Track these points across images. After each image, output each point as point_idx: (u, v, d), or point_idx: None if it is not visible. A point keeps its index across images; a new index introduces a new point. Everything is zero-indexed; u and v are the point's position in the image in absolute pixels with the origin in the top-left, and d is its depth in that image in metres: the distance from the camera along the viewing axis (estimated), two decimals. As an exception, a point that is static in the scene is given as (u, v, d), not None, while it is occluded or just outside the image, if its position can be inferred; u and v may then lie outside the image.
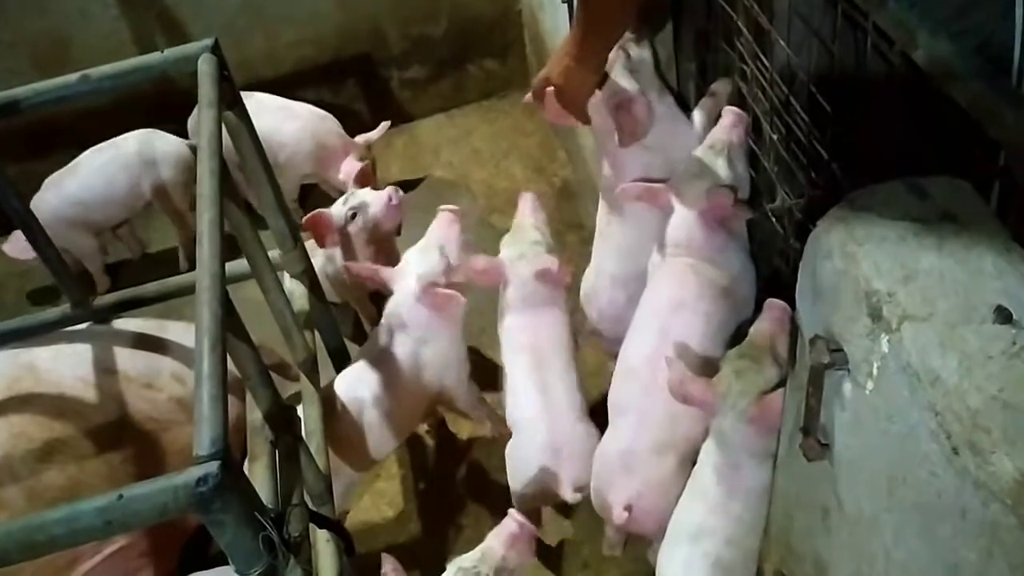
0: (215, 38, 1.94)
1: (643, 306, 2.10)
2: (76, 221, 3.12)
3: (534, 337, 2.24)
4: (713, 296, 2.01)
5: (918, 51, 1.20)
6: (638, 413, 1.99)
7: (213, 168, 1.62)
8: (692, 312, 1.99)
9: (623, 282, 2.30)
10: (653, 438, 1.96)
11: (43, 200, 3.10)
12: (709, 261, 2.01)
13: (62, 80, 1.94)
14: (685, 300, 2.00)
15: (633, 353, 2.06)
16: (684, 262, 2.02)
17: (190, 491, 1.14)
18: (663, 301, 2.04)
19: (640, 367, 2.02)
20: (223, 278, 1.45)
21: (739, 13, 1.96)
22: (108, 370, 2.29)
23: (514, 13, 3.52)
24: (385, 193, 2.50)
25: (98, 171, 3.08)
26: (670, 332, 2.00)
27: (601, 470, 2.04)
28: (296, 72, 3.51)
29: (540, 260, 2.22)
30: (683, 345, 1.95)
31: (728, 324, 2.06)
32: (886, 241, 1.04)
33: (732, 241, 2.03)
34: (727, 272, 2.03)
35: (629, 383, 2.05)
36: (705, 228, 1.98)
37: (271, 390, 1.55)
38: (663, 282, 2.06)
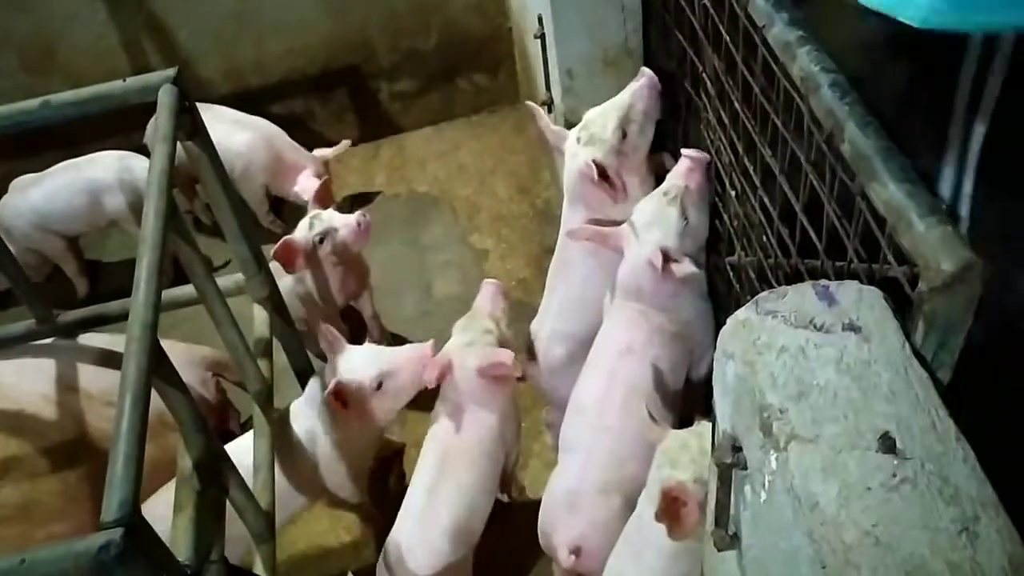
0: (177, 68, 1.93)
1: (595, 348, 2.11)
2: (39, 226, 3.12)
3: (453, 437, 2.10)
4: (663, 342, 2.02)
5: (844, 144, 1.18)
6: (585, 453, 2.00)
7: (159, 209, 1.62)
8: (639, 358, 2.01)
9: (562, 337, 2.28)
10: (599, 478, 1.97)
11: (9, 203, 3.11)
12: (659, 308, 2.01)
13: (23, 105, 1.93)
14: (633, 345, 2.01)
15: (583, 394, 2.08)
16: (633, 307, 2.02)
17: (91, 558, 1.15)
18: (612, 345, 2.05)
19: (589, 407, 2.04)
20: (154, 327, 1.45)
21: (704, 63, 1.94)
22: (70, 387, 2.30)
23: (504, 31, 3.49)
24: (353, 218, 2.49)
25: (62, 188, 3.07)
26: (618, 375, 2.01)
27: (548, 509, 2.05)
28: (285, 82, 3.50)
29: (488, 353, 2.05)
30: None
31: (679, 368, 2.06)
32: (786, 352, 1.03)
33: (683, 288, 2.03)
34: (677, 318, 2.03)
35: (578, 422, 2.06)
36: (652, 278, 1.97)
37: (204, 437, 1.55)
38: (613, 326, 2.08)
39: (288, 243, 2.46)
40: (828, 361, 1.01)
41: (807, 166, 1.40)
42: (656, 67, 2.18)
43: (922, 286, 1.01)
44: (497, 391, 2.08)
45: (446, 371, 2.05)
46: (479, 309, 2.18)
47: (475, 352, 2.05)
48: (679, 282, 1.98)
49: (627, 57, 2.28)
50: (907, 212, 1.04)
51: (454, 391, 2.09)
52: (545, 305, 2.35)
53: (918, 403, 0.96)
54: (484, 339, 2.07)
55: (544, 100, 2.66)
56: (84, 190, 3.05)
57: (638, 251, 1.98)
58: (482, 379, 2.03)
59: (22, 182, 3.12)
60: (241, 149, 3.08)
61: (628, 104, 2.09)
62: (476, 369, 2.03)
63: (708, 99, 1.92)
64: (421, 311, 3.07)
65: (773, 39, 1.39)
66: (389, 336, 2.96)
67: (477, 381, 2.04)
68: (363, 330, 2.93)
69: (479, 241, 3.28)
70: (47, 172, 3.12)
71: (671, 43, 2.11)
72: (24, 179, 3.13)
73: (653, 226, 1.97)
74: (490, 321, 2.13)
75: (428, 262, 3.24)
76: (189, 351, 2.54)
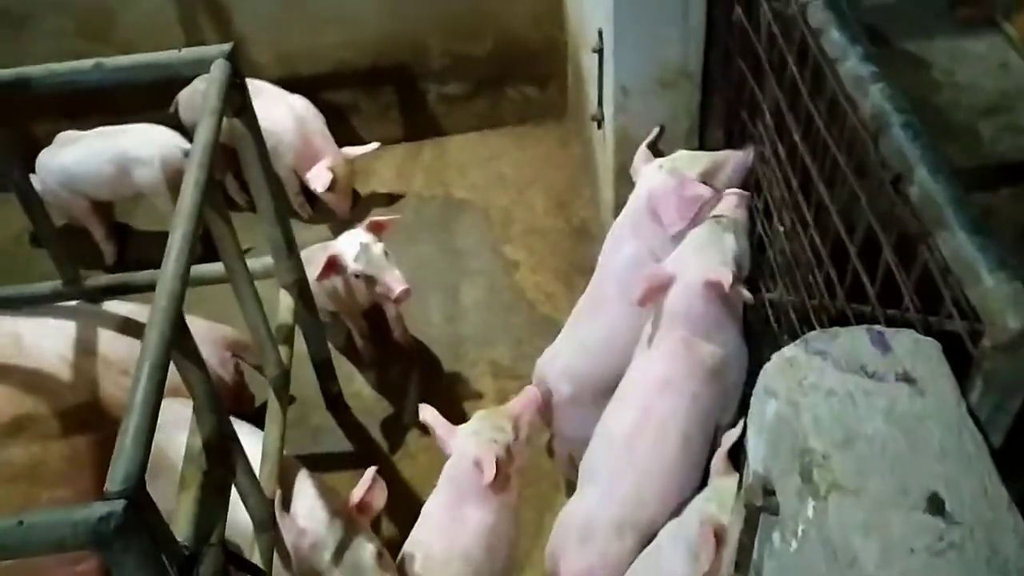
0: (232, 44, 1.92)
1: (629, 378, 2.04)
2: (66, 185, 3.14)
3: (447, 532, 1.97)
4: (702, 378, 1.96)
5: (913, 187, 1.14)
6: (607, 486, 1.93)
7: (199, 181, 1.60)
8: (678, 393, 1.94)
9: (574, 377, 2.21)
10: (617, 515, 1.91)
11: (44, 155, 3.15)
12: (704, 336, 1.95)
13: (77, 65, 1.93)
14: (672, 379, 1.95)
15: (613, 425, 2.01)
16: (677, 336, 1.96)
17: (90, 528, 1.11)
18: (649, 378, 1.98)
19: (618, 440, 1.96)
20: (181, 299, 1.43)
21: (765, 92, 1.90)
22: (88, 351, 2.29)
23: (559, 43, 3.46)
24: (400, 283, 2.44)
25: (94, 153, 3.08)
26: (653, 410, 1.94)
27: (560, 535, 1.99)
28: (334, 73, 3.49)
29: (490, 451, 1.93)
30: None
31: (713, 411, 2.00)
32: (833, 396, 0.98)
33: (729, 320, 1.98)
34: (720, 351, 1.98)
35: (604, 453, 1.99)
36: (705, 301, 1.93)
37: (216, 417, 1.52)
38: (652, 357, 2.01)
39: (334, 261, 2.47)
40: (878, 410, 0.96)
41: (866, 207, 1.35)
42: (713, 92, 2.15)
43: (985, 343, 0.96)
44: (494, 495, 1.96)
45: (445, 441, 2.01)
46: (508, 409, 2.09)
47: (476, 444, 1.96)
48: (726, 311, 1.95)
49: (685, 79, 2.24)
50: (976, 265, 0.99)
51: (448, 477, 2.02)
52: (564, 339, 2.29)
53: (970, 465, 0.91)
54: (492, 435, 1.97)
55: (594, 116, 2.62)
56: (113, 159, 3.05)
57: (694, 272, 1.94)
58: (473, 473, 1.93)
59: (63, 138, 3.16)
60: (270, 126, 3.07)
61: (721, 161, 2.11)
62: (473, 460, 1.93)
63: (765, 130, 1.88)
64: (446, 316, 3.04)
65: (845, 73, 1.34)
66: (411, 338, 2.93)
67: (470, 473, 1.94)
68: (385, 327, 2.90)
69: (511, 252, 3.24)
70: (85, 134, 3.14)
71: (732, 69, 2.07)
72: (66, 135, 3.16)
73: (710, 248, 1.94)
74: (510, 425, 2.02)
75: (458, 268, 3.21)
76: (211, 329, 2.52)
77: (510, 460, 1.99)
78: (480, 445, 1.97)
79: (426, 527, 2.01)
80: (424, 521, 2.03)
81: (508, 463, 1.98)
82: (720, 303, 1.95)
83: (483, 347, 2.92)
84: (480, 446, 1.96)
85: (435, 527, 2.00)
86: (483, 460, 1.92)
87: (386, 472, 2.59)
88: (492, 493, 1.95)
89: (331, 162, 3.18)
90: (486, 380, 2.83)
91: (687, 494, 1.92)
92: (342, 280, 2.61)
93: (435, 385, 2.83)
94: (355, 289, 2.61)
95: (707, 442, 2.00)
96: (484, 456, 1.93)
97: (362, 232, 2.52)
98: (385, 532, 2.40)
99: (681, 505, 1.89)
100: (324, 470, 2.44)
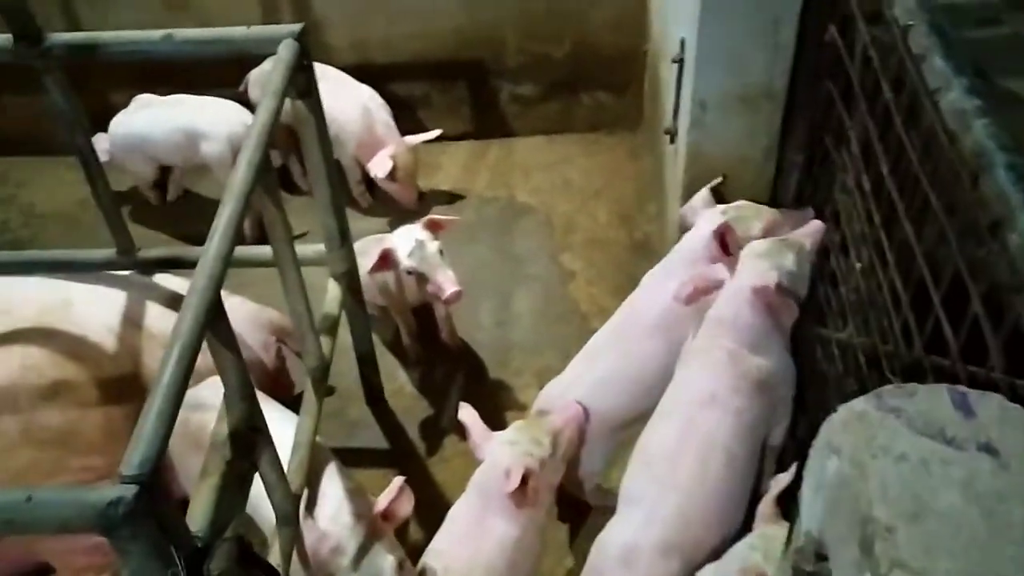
0: (303, 25, 1.88)
1: (672, 393, 1.96)
2: (137, 147, 3.23)
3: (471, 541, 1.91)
4: (748, 391, 1.87)
5: (1012, 235, 1.02)
6: (649, 507, 1.84)
7: (253, 161, 1.56)
8: (723, 409, 1.85)
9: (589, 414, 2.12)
10: (661, 537, 1.81)
11: (124, 116, 3.23)
12: (750, 346, 1.87)
13: (147, 35, 1.91)
14: (717, 394, 1.86)
15: (655, 444, 1.92)
16: (723, 347, 1.88)
17: (98, 511, 1.07)
18: (693, 393, 1.90)
19: (659, 460, 1.88)
20: (220, 281, 1.38)
21: (854, 119, 1.78)
22: (134, 323, 2.27)
23: (640, 52, 3.37)
24: (452, 284, 2.39)
25: (165, 121, 3.16)
26: (696, 427, 1.86)
27: (599, 559, 1.90)
28: (408, 64, 3.46)
29: (521, 463, 1.87)
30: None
31: (759, 427, 1.90)
32: (905, 461, 0.88)
33: (776, 333, 1.92)
34: (766, 363, 1.89)
35: (644, 474, 1.91)
36: (752, 309, 1.87)
37: (247, 407, 1.47)
38: (695, 371, 1.93)
39: (388, 255, 2.42)
40: (954, 483, 0.86)
41: (956, 252, 1.24)
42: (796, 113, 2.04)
43: (1086, 418, 0.85)
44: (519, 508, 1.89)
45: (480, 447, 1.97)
46: (549, 423, 2.02)
47: (510, 453, 1.90)
48: (773, 321, 1.88)
49: (767, 100, 2.13)
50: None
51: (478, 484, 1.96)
52: (577, 372, 2.21)
53: (1058, 557, 0.80)
54: (528, 447, 1.91)
55: (668, 129, 2.52)
56: (184, 128, 3.12)
57: (746, 277, 1.88)
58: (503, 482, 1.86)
59: (141, 100, 3.26)
60: (335, 113, 3.05)
61: (783, 220, 2.07)
62: (504, 470, 1.87)
63: (850, 159, 1.76)
64: (496, 321, 2.97)
65: (947, 105, 1.23)
66: (459, 340, 2.86)
67: (498, 481, 1.87)
68: (433, 326, 2.84)
69: (569, 261, 3.15)
70: (163, 99, 3.23)
71: (819, 90, 1.96)
72: (145, 98, 3.26)
73: (765, 259, 1.89)
74: (548, 439, 1.96)
75: (513, 273, 3.14)
76: (258, 312, 2.49)
77: (543, 475, 1.92)
78: (514, 455, 1.90)
79: (449, 534, 1.96)
80: (448, 527, 1.97)
81: (540, 478, 1.91)
82: (768, 314, 1.89)
83: (531, 356, 2.85)
84: (514, 456, 1.90)
85: (459, 535, 1.94)
86: (512, 470, 1.85)
87: (418, 474, 2.54)
88: (519, 505, 1.88)
89: (393, 150, 3.14)
90: (531, 391, 2.74)
91: (733, 515, 1.84)
92: (394, 275, 2.56)
93: (478, 390, 2.76)
94: (406, 285, 2.56)
95: (753, 460, 1.91)
96: (515, 467, 1.86)
97: (419, 228, 2.46)
98: (412, 536, 2.34)
99: (726, 526, 1.82)
100: (356, 465, 2.39)
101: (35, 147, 3.55)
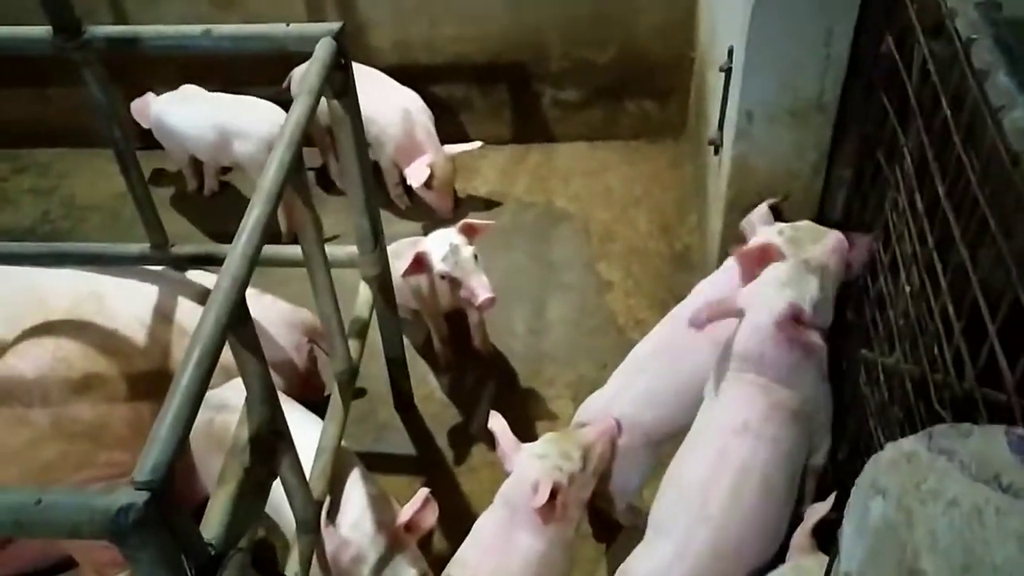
0: (342, 24, 1.85)
1: (702, 420, 1.89)
2: (175, 136, 3.25)
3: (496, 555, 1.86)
4: (782, 420, 1.80)
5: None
6: (680, 540, 1.77)
7: (284, 161, 1.53)
8: (756, 436, 1.78)
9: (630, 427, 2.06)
10: (692, 571, 1.75)
11: (166, 103, 3.25)
12: (779, 381, 1.80)
13: (186, 30, 1.90)
14: (750, 422, 1.79)
15: (686, 472, 1.86)
16: (751, 380, 1.81)
17: (108, 518, 1.04)
18: (727, 420, 1.83)
19: (691, 489, 1.81)
20: (245, 282, 1.35)
21: (909, 135, 1.70)
22: (166, 319, 2.26)
23: (686, 60, 3.30)
24: (487, 290, 2.34)
25: (201, 117, 3.16)
26: (729, 456, 1.79)
27: None
28: (451, 66, 3.42)
29: (550, 477, 1.83)
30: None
31: (798, 454, 1.83)
32: (956, 508, 0.81)
33: (807, 361, 1.83)
34: (799, 393, 1.81)
35: (675, 504, 1.84)
36: (777, 344, 1.79)
37: (269, 411, 1.44)
38: (726, 402, 1.85)
39: (422, 259, 2.38)
40: (1010, 534, 0.79)
41: (1016, 280, 1.16)
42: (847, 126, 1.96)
43: None
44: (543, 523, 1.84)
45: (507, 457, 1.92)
46: (581, 436, 1.97)
47: (539, 466, 1.85)
48: (802, 353, 1.79)
49: (817, 112, 2.05)
50: None
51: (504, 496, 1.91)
52: (621, 384, 2.14)
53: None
54: (558, 461, 1.86)
55: (712, 139, 2.45)
56: (218, 126, 3.11)
57: (768, 311, 1.79)
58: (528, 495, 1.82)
59: (186, 90, 3.27)
60: (376, 116, 3.03)
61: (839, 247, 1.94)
62: (531, 483, 1.82)
63: (903, 177, 1.69)
64: (529, 328, 2.92)
65: (1011, 124, 1.16)
66: (491, 347, 2.82)
67: (524, 494, 1.83)
68: (466, 332, 2.80)
69: (606, 271, 3.09)
70: (204, 94, 3.24)
71: (873, 104, 1.88)
72: (189, 89, 3.27)
73: (788, 287, 1.80)
74: (580, 453, 1.90)
75: (549, 280, 3.08)
76: (291, 312, 2.48)
77: (572, 490, 1.86)
78: (543, 469, 1.85)
79: (475, 545, 1.91)
80: (474, 538, 1.92)
81: (569, 493, 1.86)
82: (795, 346, 1.79)
83: (564, 367, 2.79)
84: (543, 470, 1.85)
85: (484, 547, 1.89)
86: (541, 484, 1.80)
87: (445, 483, 2.50)
88: (546, 520, 1.82)
89: (431, 159, 3.10)
90: (563, 402, 2.69)
91: (768, 546, 1.77)
92: (427, 279, 2.52)
93: (509, 399, 2.72)
94: (439, 290, 2.53)
95: (792, 488, 1.84)
96: (543, 481, 1.81)
97: (454, 233, 2.42)
98: (436, 546, 2.30)
99: (761, 557, 1.75)
100: (382, 471, 2.36)
101: (80, 139, 3.58)
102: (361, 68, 2.94)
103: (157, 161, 3.54)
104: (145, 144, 3.37)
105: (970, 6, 1.39)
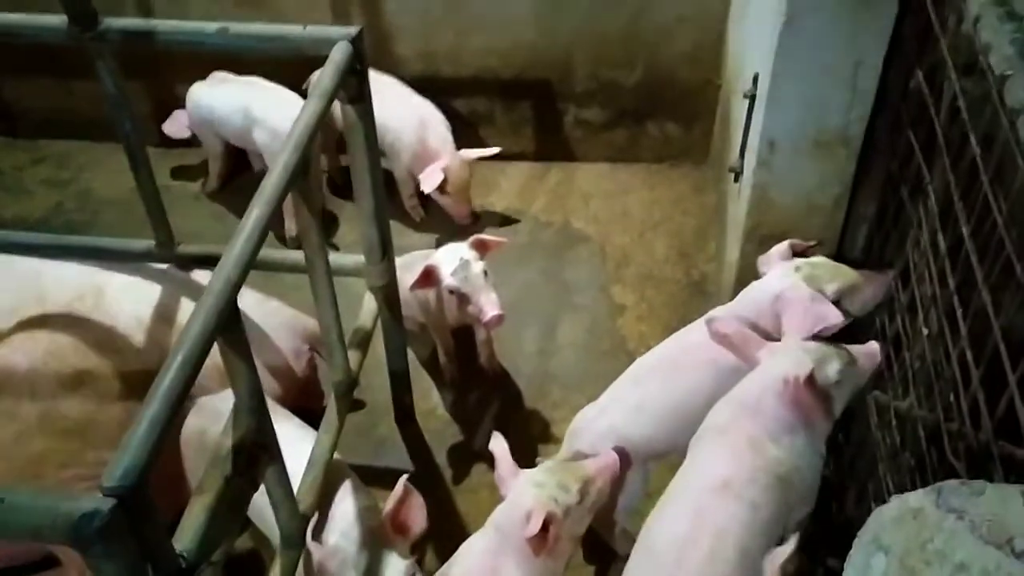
0: (360, 28, 1.82)
1: (681, 477, 1.79)
2: (206, 120, 3.27)
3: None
4: (766, 484, 1.69)
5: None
6: None
7: (289, 163, 1.50)
8: (737, 497, 1.66)
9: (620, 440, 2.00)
10: None
11: (200, 89, 3.27)
12: (771, 437, 1.72)
13: (202, 26, 1.89)
14: (731, 482, 1.68)
15: (659, 531, 1.73)
16: (743, 431, 1.73)
17: (70, 524, 1.00)
18: (704, 479, 1.73)
19: (664, 550, 1.69)
20: (238, 286, 1.32)
21: (934, 173, 1.64)
22: (166, 319, 2.23)
23: (713, 86, 3.25)
24: (495, 306, 2.31)
25: (229, 100, 3.18)
26: (706, 516, 1.67)
27: None
28: (475, 79, 3.39)
29: (544, 507, 1.75)
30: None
31: (775, 525, 1.71)
32: (964, 572, 0.75)
33: (805, 429, 1.74)
34: (787, 458, 1.72)
35: (648, 567, 1.71)
36: (780, 400, 1.71)
37: (255, 420, 1.40)
38: (709, 455, 1.76)
39: (431, 272, 2.34)
40: (1023, 606, 0.73)
41: (1040, 330, 1.10)
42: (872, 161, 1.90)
43: None
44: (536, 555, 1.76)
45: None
46: (581, 468, 1.89)
47: (534, 496, 1.78)
48: (801, 419, 1.71)
49: (841, 146, 1.99)
50: None
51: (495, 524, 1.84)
52: (616, 396, 2.08)
53: None
54: (554, 492, 1.79)
55: (732, 167, 2.40)
56: (242, 111, 3.12)
57: (779, 364, 1.72)
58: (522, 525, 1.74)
59: (217, 76, 3.28)
60: (391, 123, 3.00)
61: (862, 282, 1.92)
62: (524, 513, 1.75)
63: (926, 215, 1.63)
64: (538, 349, 2.86)
65: (1043, 164, 1.10)
66: (498, 365, 2.77)
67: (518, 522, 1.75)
68: (473, 349, 2.76)
69: (620, 294, 3.04)
70: (235, 78, 3.25)
71: (899, 140, 1.82)
72: (220, 75, 3.28)
73: (810, 353, 1.73)
74: (578, 486, 1.82)
75: (561, 300, 3.03)
76: (293, 318, 2.44)
77: (566, 523, 1.80)
78: (538, 498, 1.78)
79: (461, 565, 1.84)
80: (461, 557, 1.86)
81: (562, 525, 1.79)
82: (796, 408, 1.71)
83: (571, 390, 2.73)
84: (537, 499, 1.78)
85: (469, 567, 1.82)
86: (534, 514, 1.74)
87: (443, 502, 2.45)
88: (536, 552, 1.76)
89: (445, 163, 3.06)
90: (568, 425, 2.62)
91: None
92: (435, 293, 2.48)
93: (513, 420, 2.66)
94: (447, 305, 2.48)
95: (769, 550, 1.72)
96: (537, 511, 1.74)
97: (465, 247, 2.38)
98: (428, 565, 2.24)
99: None
100: (378, 485, 2.29)
101: (100, 132, 3.57)
102: (377, 75, 2.91)
103: (177, 159, 3.53)
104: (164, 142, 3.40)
105: (1005, 42, 1.33)
